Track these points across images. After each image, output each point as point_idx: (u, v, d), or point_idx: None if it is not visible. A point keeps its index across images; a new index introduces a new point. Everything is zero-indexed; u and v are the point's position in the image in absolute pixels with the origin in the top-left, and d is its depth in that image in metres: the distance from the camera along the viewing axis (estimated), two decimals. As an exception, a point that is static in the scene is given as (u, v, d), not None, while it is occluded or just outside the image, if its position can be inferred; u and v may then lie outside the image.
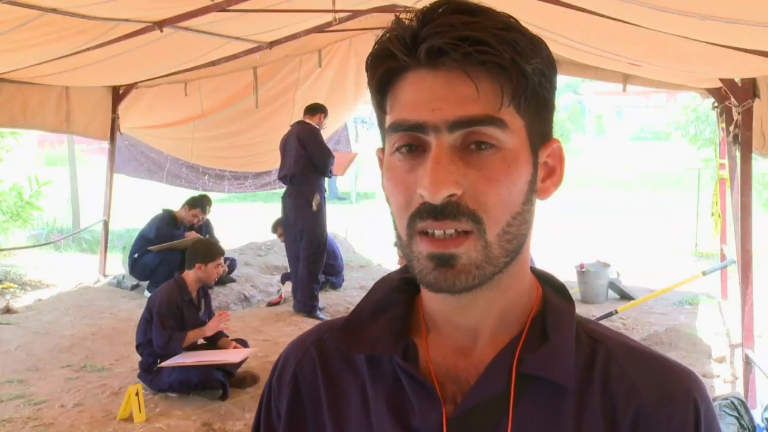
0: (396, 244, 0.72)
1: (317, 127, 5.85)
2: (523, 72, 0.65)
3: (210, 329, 4.17)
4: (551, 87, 0.70)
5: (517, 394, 0.71)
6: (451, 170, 0.65)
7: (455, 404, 0.72)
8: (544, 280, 0.79)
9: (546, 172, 0.73)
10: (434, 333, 0.76)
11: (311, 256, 5.85)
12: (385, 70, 0.69)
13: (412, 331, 0.78)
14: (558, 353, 0.72)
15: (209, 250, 4.31)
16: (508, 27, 0.66)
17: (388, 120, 0.70)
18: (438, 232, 0.66)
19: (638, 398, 0.71)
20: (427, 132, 0.66)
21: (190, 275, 4.20)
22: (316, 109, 5.90)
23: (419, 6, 0.68)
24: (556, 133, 0.76)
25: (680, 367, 0.74)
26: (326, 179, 6.22)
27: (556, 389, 0.71)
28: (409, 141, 0.68)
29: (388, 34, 0.68)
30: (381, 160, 0.73)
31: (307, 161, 5.73)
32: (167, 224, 6.63)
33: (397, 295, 0.80)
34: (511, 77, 0.65)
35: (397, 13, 0.68)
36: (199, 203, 6.88)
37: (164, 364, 4.06)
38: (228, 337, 4.43)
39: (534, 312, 0.75)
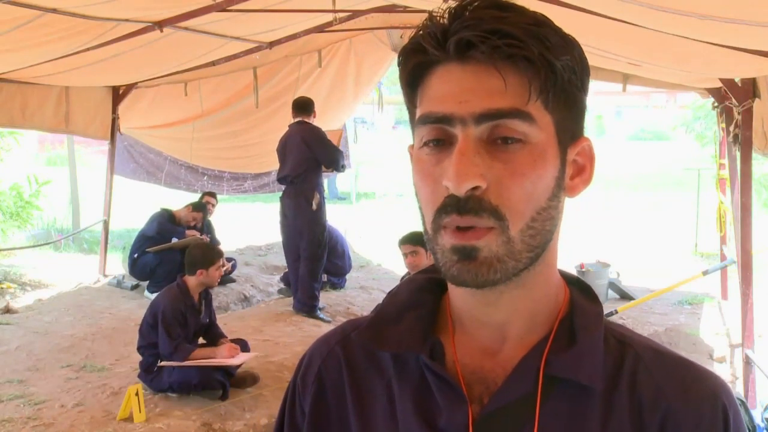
0: (400, 242, 0.72)
1: (318, 126, 5.85)
2: (552, 67, 0.65)
3: (219, 355, 4.14)
4: (582, 85, 0.70)
5: (544, 395, 0.71)
6: (476, 162, 0.65)
7: (482, 405, 0.72)
8: (571, 281, 0.79)
9: (575, 170, 0.73)
10: (461, 333, 0.76)
11: (312, 256, 5.84)
12: (414, 65, 0.69)
13: (439, 331, 0.78)
14: (586, 355, 0.72)
15: (208, 254, 4.28)
16: (538, 23, 0.66)
17: (417, 113, 0.70)
18: (463, 225, 0.67)
19: (665, 401, 0.70)
20: (454, 124, 0.66)
21: (192, 280, 4.19)
22: (308, 106, 5.83)
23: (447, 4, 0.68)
24: None
25: (707, 372, 0.74)
26: (325, 179, 6.23)
27: (583, 391, 0.71)
28: (437, 135, 0.68)
29: (421, 31, 0.69)
30: (412, 156, 0.74)
31: (311, 162, 5.71)
32: (167, 221, 6.64)
33: (424, 294, 0.80)
34: (539, 71, 0.65)
35: (431, 10, 0.69)
36: (203, 208, 6.89)
37: (164, 363, 4.06)
38: (227, 337, 4.42)
39: (562, 313, 0.75)
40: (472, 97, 0.65)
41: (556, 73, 0.66)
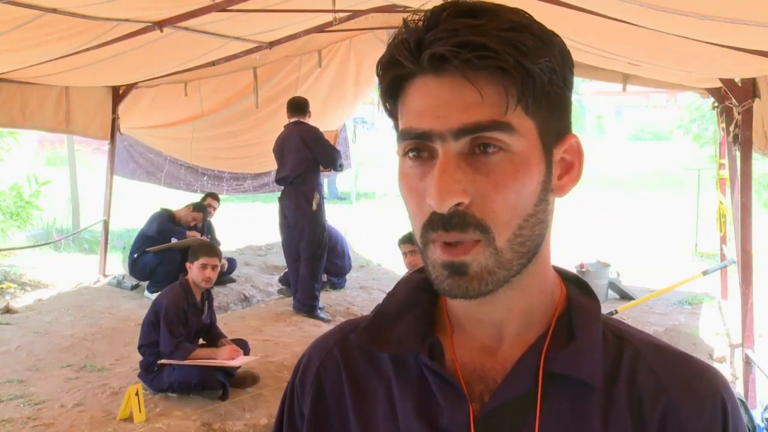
0: (400, 242, 0.72)
1: (315, 126, 5.85)
2: (530, 73, 0.64)
3: (220, 357, 4.13)
4: (565, 83, 0.69)
5: (544, 392, 0.71)
6: (457, 178, 0.65)
7: (482, 403, 0.72)
8: (568, 278, 0.79)
9: (563, 169, 0.72)
10: (459, 332, 0.76)
11: (312, 256, 5.84)
12: (392, 77, 0.69)
13: (437, 330, 0.78)
14: (585, 352, 0.72)
15: (196, 248, 4.26)
16: (514, 27, 0.65)
17: (399, 126, 0.70)
18: (449, 240, 0.67)
19: (665, 396, 0.71)
20: (433, 140, 0.66)
21: (191, 278, 4.19)
22: (304, 106, 5.83)
23: (428, 6, 0.67)
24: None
25: (706, 366, 0.75)
26: (325, 179, 6.25)
27: (583, 388, 0.71)
28: (417, 146, 0.68)
29: (395, 40, 0.68)
30: (399, 164, 0.74)
31: (310, 162, 5.71)
32: (167, 221, 6.64)
33: (420, 294, 0.80)
34: (515, 80, 0.64)
35: (405, 17, 0.68)
36: (203, 209, 6.90)
37: (164, 361, 4.06)
38: (227, 338, 4.41)
39: (559, 310, 0.75)
40: (449, 111, 0.65)
41: (534, 78, 0.64)
